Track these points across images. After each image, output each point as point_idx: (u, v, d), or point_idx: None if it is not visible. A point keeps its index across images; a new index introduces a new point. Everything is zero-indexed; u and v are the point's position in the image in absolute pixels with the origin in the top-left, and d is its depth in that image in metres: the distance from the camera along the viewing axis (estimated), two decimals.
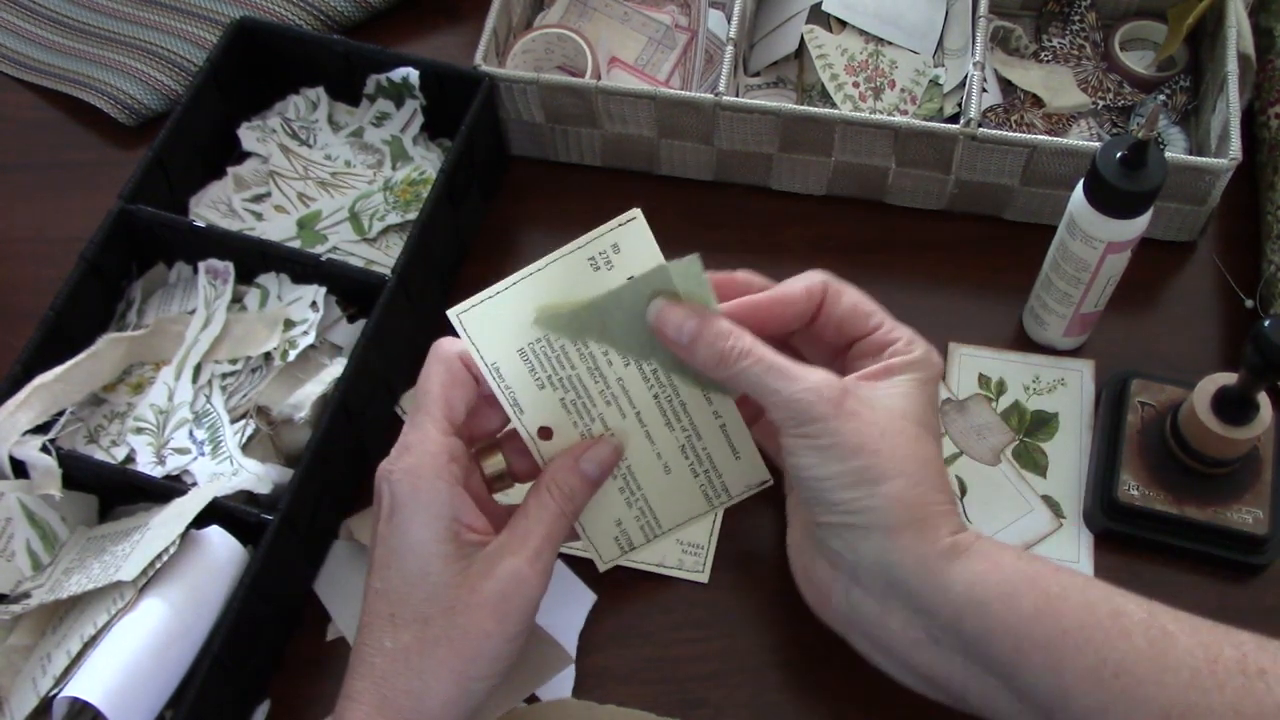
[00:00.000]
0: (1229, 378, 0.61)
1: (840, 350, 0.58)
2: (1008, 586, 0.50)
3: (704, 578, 0.65)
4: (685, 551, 0.65)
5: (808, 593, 0.57)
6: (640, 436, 0.56)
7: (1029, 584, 0.50)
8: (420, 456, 0.52)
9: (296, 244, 0.73)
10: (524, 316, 0.53)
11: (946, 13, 0.80)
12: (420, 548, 0.51)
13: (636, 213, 0.52)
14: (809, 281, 0.57)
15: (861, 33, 0.78)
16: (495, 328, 0.53)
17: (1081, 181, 0.62)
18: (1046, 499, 0.67)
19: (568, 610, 0.63)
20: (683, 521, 0.59)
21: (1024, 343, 0.72)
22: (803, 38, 0.77)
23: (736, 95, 0.77)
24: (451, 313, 0.52)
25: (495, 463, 0.56)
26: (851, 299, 0.57)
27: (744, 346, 0.52)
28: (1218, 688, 0.46)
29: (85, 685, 0.54)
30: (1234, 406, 0.61)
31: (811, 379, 0.52)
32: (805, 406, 0.51)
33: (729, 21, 0.77)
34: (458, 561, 0.51)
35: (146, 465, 0.64)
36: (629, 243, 0.52)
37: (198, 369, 0.67)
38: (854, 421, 0.51)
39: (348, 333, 0.69)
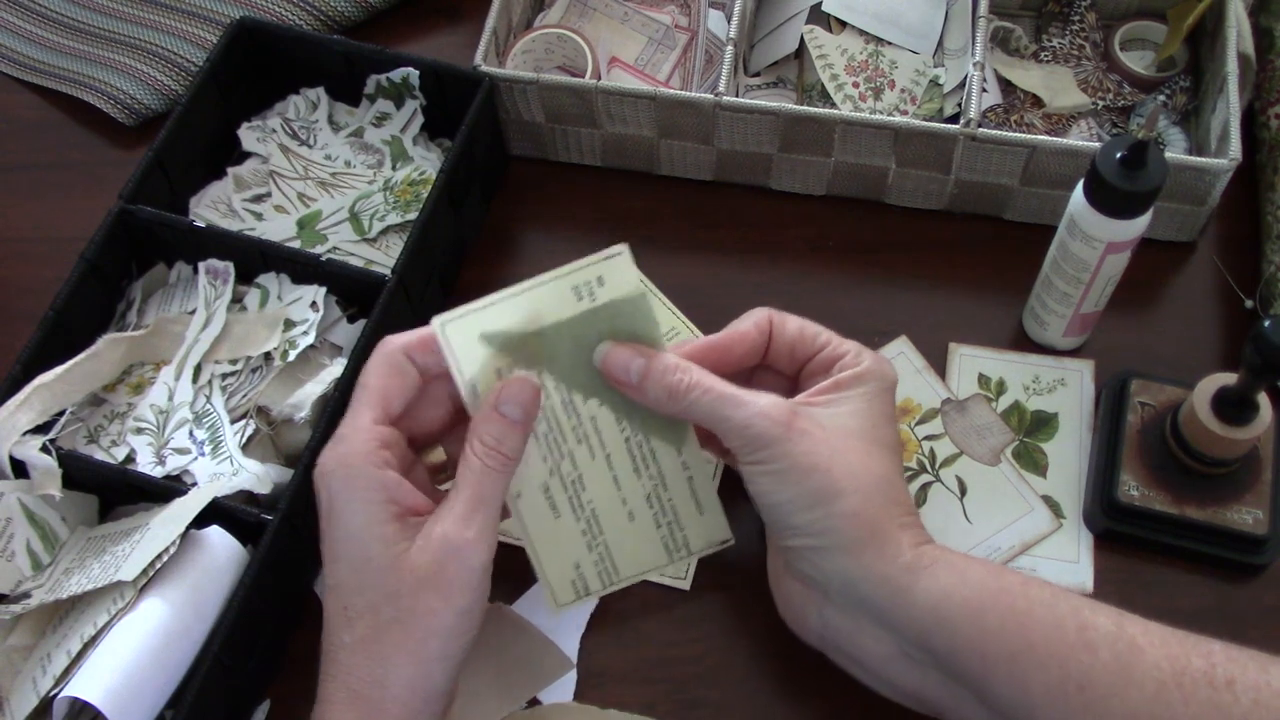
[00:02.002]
0: (1229, 378, 0.61)
1: (795, 379, 0.58)
2: (974, 601, 0.50)
3: (685, 585, 0.64)
4: None
5: (786, 615, 0.58)
6: (608, 480, 0.56)
7: (994, 598, 0.50)
8: (351, 444, 0.51)
9: (296, 244, 0.73)
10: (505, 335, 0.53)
11: (946, 13, 0.79)
12: (360, 533, 0.50)
13: (623, 248, 0.52)
14: (756, 317, 0.57)
15: (861, 33, 0.78)
16: (476, 343, 0.53)
17: (1081, 182, 0.62)
18: (1046, 499, 0.67)
19: (569, 615, 0.63)
20: (641, 572, 0.59)
21: (1024, 343, 0.72)
22: (803, 38, 0.77)
23: (736, 95, 0.77)
24: (436, 320, 0.52)
25: (436, 454, 0.56)
26: (797, 322, 0.58)
27: (692, 379, 0.53)
28: (1183, 701, 0.46)
29: (85, 685, 0.54)
30: (1234, 407, 0.61)
31: (760, 403, 0.52)
32: (757, 431, 0.52)
33: (729, 21, 0.77)
34: (399, 544, 0.50)
35: (146, 465, 0.64)
36: (613, 277, 0.53)
37: (198, 369, 0.67)
38: (805, 441, 0.52)
39: (348, 333, 0.69)
